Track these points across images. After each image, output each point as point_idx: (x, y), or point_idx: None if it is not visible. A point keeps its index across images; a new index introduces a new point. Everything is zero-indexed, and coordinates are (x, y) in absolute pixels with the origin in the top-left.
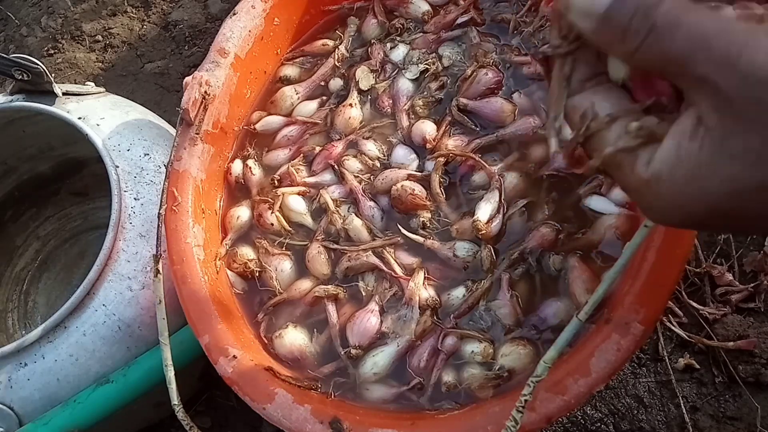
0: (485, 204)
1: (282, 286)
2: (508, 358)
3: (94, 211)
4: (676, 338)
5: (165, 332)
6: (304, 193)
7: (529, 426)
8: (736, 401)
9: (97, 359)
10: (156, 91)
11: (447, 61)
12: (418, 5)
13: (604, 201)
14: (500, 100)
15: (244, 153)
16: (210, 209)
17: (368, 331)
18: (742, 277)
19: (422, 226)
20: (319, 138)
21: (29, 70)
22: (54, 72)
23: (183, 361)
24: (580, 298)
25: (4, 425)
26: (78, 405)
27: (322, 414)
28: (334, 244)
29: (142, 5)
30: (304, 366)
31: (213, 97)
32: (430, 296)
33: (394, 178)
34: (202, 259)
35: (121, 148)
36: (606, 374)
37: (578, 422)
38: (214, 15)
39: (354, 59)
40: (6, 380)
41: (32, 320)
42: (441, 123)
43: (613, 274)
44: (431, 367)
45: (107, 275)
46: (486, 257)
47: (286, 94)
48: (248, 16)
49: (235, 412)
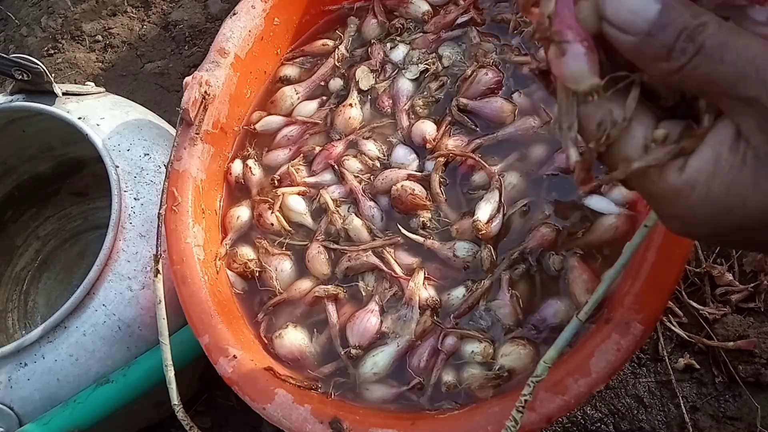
0: (485, 204)
1: (282, 286)
2: (508, 358)
3: (94, 211)
4: (676, 338)
5: (165, 332)
6: (304, 193)
7: (529, 426)
8: (736, 401)
9: (97, 359)
10: (156, 91)
11: (447, 61)
12: (418, 5)
13: (604, 201)
14: (500, 100)
15: (244, 153)
16: (210, 209)
17: (368, 331)
18: (742, 277)
19: (422, 226)
20: (319, 138)
21: (29, 70)
22: (54, 72)
23: (183, 361)
24: (580, 298)
25: (4, 425)
26: (78, 405)
27: (322, 414)
28: (334, 244)
29: (142, 5)
30: (304, 366)
31: (213, 97)
32: (430, 296)
33: (394, 178)
34: (202, 259)
35: (121, 148)
36: (606, 374)
37: (578, 422)
38: (214, 15)
39: (354, 59)
40: (6, 380)
41: (32, 320)
42: (441, 123)
43: (613, 274)
44: (431, 367)
45: (107, 275)
46: (486, 257)
47: (286, 94)
48: (248, 16)
49: (235, 412)
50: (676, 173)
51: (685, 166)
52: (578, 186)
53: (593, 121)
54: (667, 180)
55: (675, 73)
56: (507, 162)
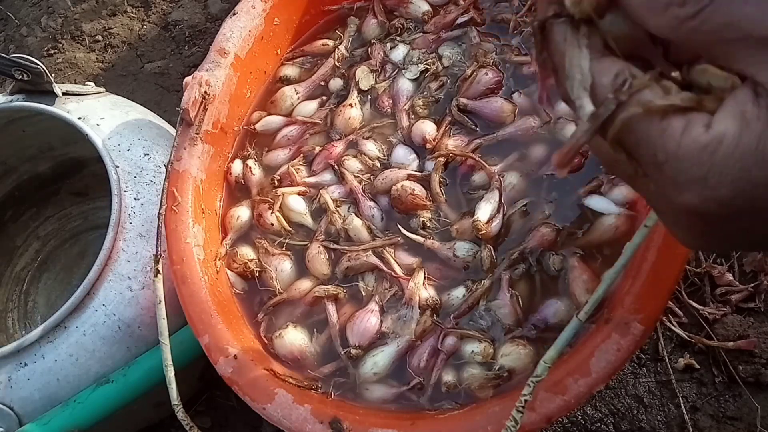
0: (485, 204)
1: (282, 286)
2: (508, 358)
3: (94, 211)
4: (676, 338)
5: (165, 332)
6: (304, 193)
7: (529, 426)
8: (736, 401)
9: (97, 359)
10: (156, 91)
11: (447, 61)
12: (418, 5)
13: (604, 201)
14: (500, 100)
15: (244, 153)
16: (210, 209)
17: (368, 331)
18: (742, 277)
19: (422, 226)
20: (319, 138)
21: (29, 70)
22: (54, 72)
23: (183, 361)
24: (580, 298)
25: (4, 425)
26: (78, 405)
27: (322, 414)
28: (334, 244)
29: (142, 5)
30: (304, 366)
31: (213, 97)
32: (430, 296)
33: (394, 178)
34: (202, 259)
35: (121, 148)
36: (606, 374)
37: (578, 422)
38: (214, 15)
39: (354, 59)
40: (6, 380)
41: (32, 320)
42: (441, 123)
43: (613, 274)
44: (431, 367)
45: (107, 275)
46: (486, 257)
47: (286, 94)
48: (248, 16)
49: (235, 412)
50: (702, 129)
51: (711, 123)
52: (563, 157)
53: (609, 74)
54: (692, 135)
55: (691, 19)
56: (507, 162)
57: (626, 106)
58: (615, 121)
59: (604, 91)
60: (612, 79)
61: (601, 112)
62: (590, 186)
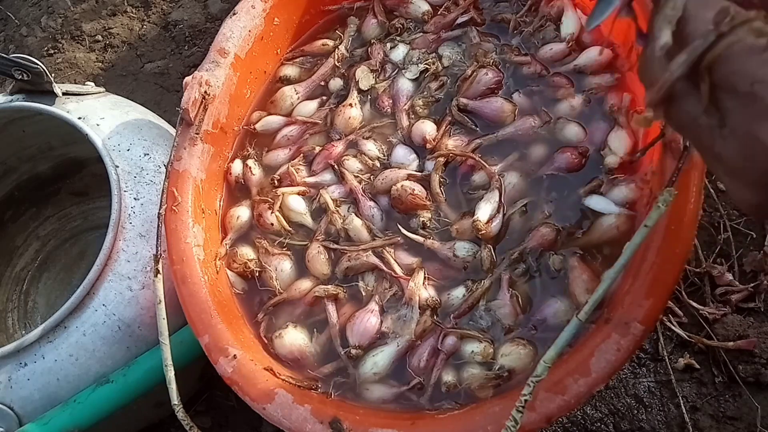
0: (485, 204)
1: (282, 286)
2: (508, 358)
3: (94, 211)
4: (676, 338)
5: (165, 332)
6: (304, 193)
7: (529, 426)
8: (736, 401)
9: (97, 359)
10: (156, 91)
11: (447, 61)
12: (418, 5)
13: (604, 201)
14: (500, 100)
15: (244, 153)
16: (210, 209)
17: (368, 331)
18: (742, 277)
19: (422, 226)
20: (319, 138)
21: (29, 70)
22: (54, 72)
23: (183, 361)
24: (580, 298)
25: (4, 425)
26: (78, 405)
27: (322, 414)
28: (334, 244)
29: (142, 5)
30: (304, 366)
31: (213, 97)
32: (430, 296)
33: (394, 178)
34: (202, 259)
35: (121, 148)
36: (606, 374)
37: (578, 422)
38: (214, 15)
39: (354, 59)
40: (6, 380)
41: (32, 320)
42: (441, 123)
43: (613, 274)
44: (431, 367)
45: (107, 275)
46: (486, 257)
47: (286, 94)
48: (248, 16)
49: (235, 412)
50: None
51: None
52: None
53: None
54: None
55: None
56: (507, 162)
57: (728, 36)
58: (716, 48)
59: (705, 24)
60: (715, 13)
61: (699, 44)
62: (590, 186)
